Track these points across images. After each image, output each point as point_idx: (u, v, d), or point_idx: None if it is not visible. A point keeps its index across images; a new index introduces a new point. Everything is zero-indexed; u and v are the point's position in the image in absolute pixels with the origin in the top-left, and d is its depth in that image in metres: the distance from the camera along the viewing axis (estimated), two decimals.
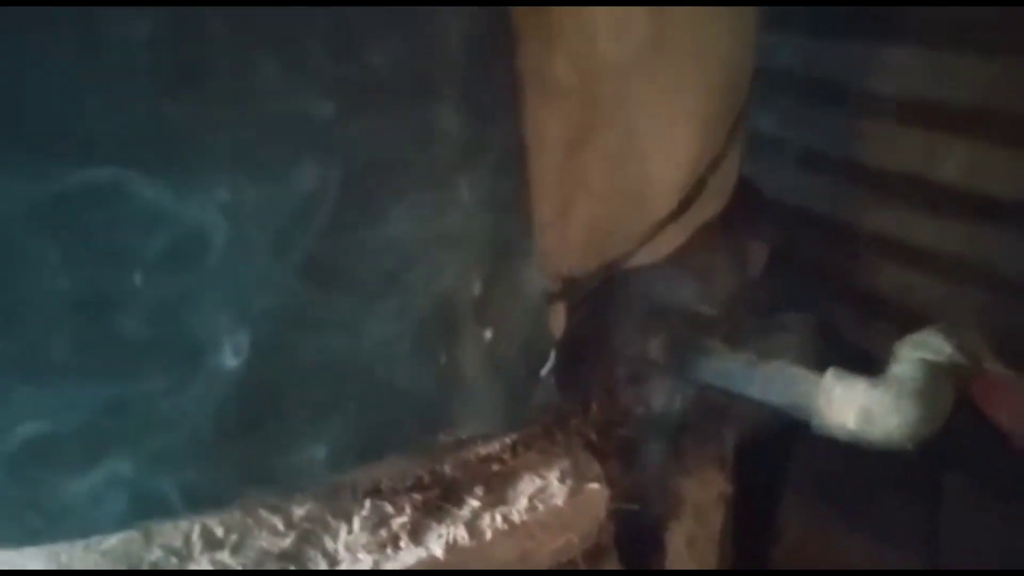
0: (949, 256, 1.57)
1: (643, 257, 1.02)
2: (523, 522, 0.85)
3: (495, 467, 0.91)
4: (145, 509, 0.72)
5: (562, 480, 0.89)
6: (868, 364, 0.94)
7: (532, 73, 0.72)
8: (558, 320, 0.90)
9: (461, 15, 0.65)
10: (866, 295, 1.71)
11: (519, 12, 0.68)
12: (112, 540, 0.77)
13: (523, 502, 0.86)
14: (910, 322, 1.00)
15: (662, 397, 1.08)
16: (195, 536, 0.78)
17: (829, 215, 1.67)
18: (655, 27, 0.80)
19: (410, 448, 0.83)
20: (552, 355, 0.87)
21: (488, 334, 0.83)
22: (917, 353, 0.86)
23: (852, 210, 1.66)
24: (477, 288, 0.80)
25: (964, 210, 1.52)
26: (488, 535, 0.83)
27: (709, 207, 1.14)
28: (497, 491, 0.88)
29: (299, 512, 0.83)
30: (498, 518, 0.84)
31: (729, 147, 1.12)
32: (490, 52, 0.68)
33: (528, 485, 0.89)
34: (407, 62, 0.66)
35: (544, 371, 0.87)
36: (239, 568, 0.77)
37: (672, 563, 1.11)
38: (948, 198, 1.52)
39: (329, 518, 0.82)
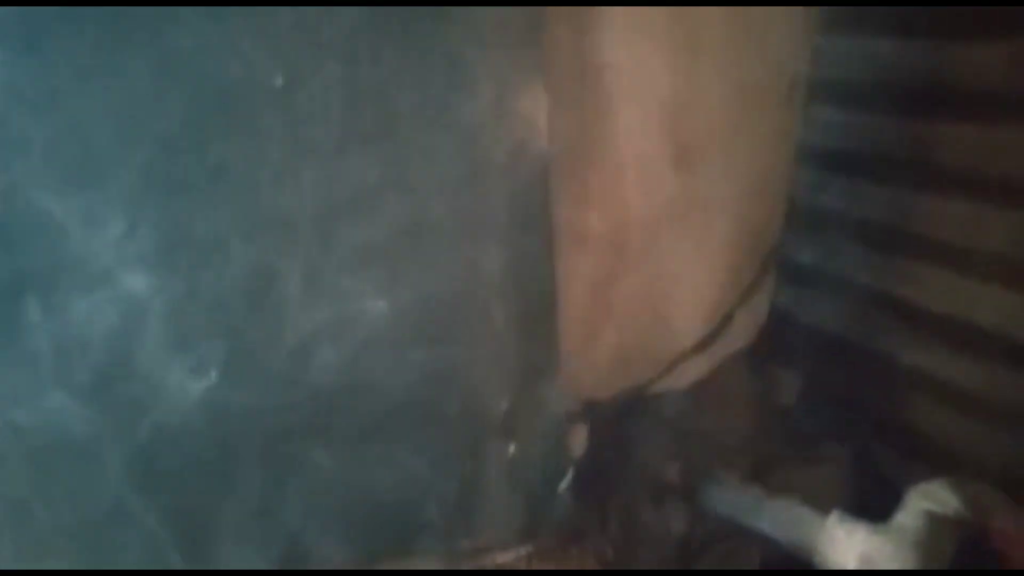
0: (987, 398, 1.57)
1: (669, 383, 1.08)
2: None
3: None
4: None
5: None
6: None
7: (567, 223, 0.82)
8: (580, 439, 0.97)
9: (509, 175, 0.76)
10: (903, 431, 1.71)
11: (557, 173, 0.78)
12: None
13: None
14: (945, 461, 1.02)
15: (681, 520, 1.12)
16: None
17: (867, 348, 1.70)
18: (683, 185, 0.89)
19: (432, 552, 0.90)
20: (571, 472, 0.93)
21: (511, 448, 0.90)
22: (923, 503, 0.89)
23: (890, 345, 1.69)
24: (504, 405, 0.88)
25: (1001, 354, 1.53)
26: None
27: (738, 338, 1.20)
28: None
29: None
30: None
31: (759, 282, 1.19)
32: (530, 206, 0.78)
33: None
34: (461, 210, 0.77)
35: (562, 487, 0.93)
36: None
37: None
38: (985, 341, 1.54)
39: None
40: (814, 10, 0.99)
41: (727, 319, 1.15)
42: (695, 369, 1.12)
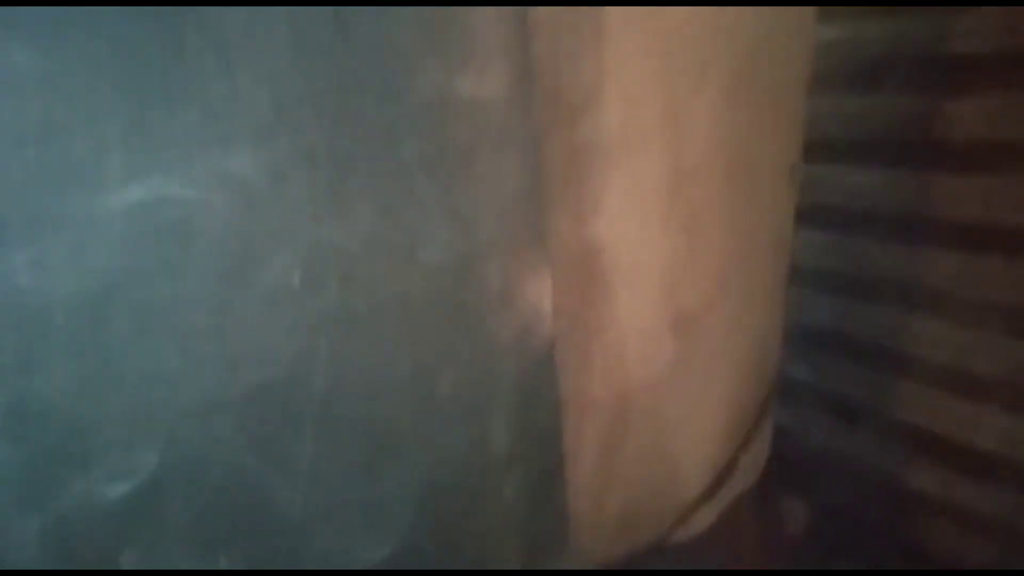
0: (996, 521, 1.56)
1: (677, 535, 1.08)
2: None
3: None
4: None
5: None
6: None
7: (571, 393, 0.83)
8: None
9: (516, 355, 0.78)
10: (914, 553, 1.68)
11: (561, 347, 0.80)
12: None
13: None
14: None
15: None
16: None
17: (872, 472, 1.70)
18: (682, 350, 0.91)
19: None
20: None
21: None
22: None
23: (896, 467, 1.68)
24: (515, 565, 0.87)
25: (1006, 477, 1.53)
26: None
27: (742, 481, 1.20)
28: None
29: None
30: None
31: (759, 427, 1.20)
32: (537, 383, 0.80)
33: None
34: (469, 389, 0.78)
35: None
36: None
37: None
38: (989, 465, 1.54)
39: None
40: (798, 171, 1.04)
41: (731, 466, 1.15)
42: (704, 517, 1.12)
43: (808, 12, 1.08)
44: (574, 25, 0.77)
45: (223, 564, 0.79)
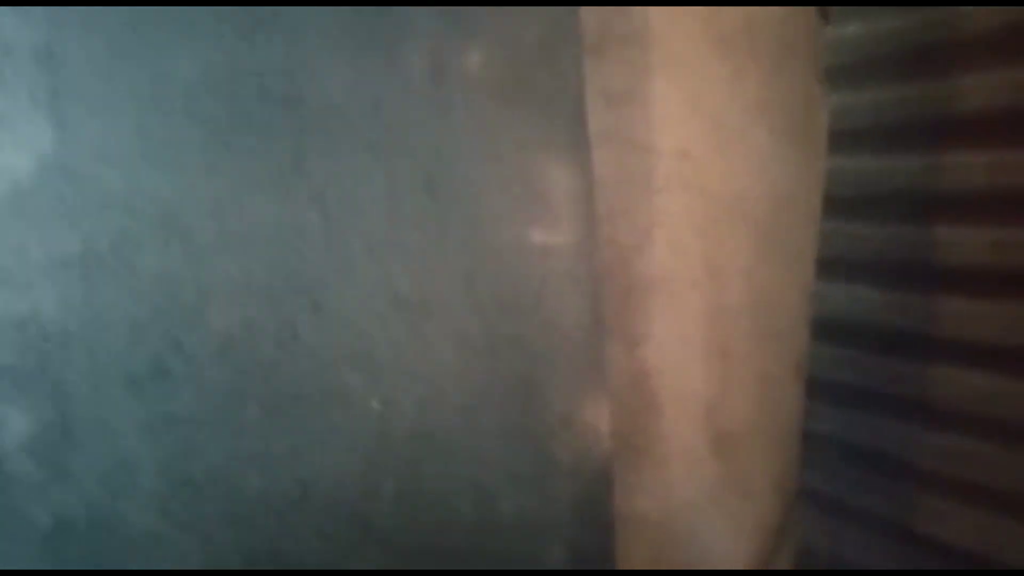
0: None
1: None
2: None
3: None
4: None
5: None
6: None
7: (622, 510, 0.89)
8: None
9: (574, 476, 0.84)
10: None
11: (615, 464, 0.86)
12: None
13: None
14: None
15: None
16: None
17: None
18: (722, 468, 0.98)
19: None
20: None
21: None
22: None
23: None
24: None
25: None
26: None
27: None
28: None
29: None
30: None
31: (789, 532, 1.25)
32: (593, 503, 0.85)
33: None
34: (529, 508, 0.84)
35: None
36: None
37: None
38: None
39: None
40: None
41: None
42: None
43: (819, 170, 1.20)
44: (629, 182, 0.87)
45: None
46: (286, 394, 0.78)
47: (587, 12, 0.84)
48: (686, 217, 0.90)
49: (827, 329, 1.64)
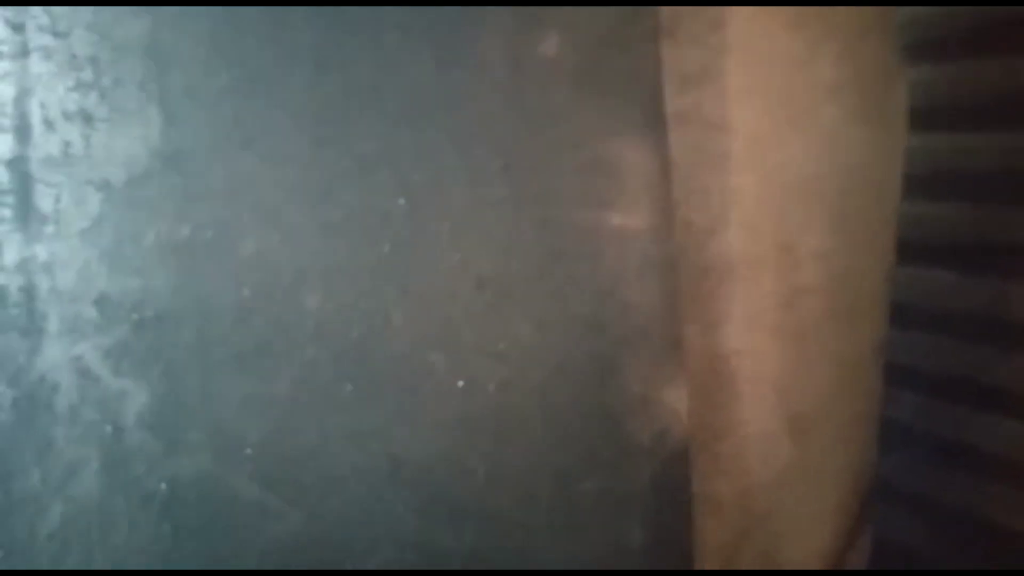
0: None
1: None
2: None
3: None
4: None
5: None
6: None
7: (699, 492, 0.90)
8: None
9: (653, 457, 0.86)
10: None
11: (692, 448, 0.88)
12: None
13: None
14: None
15: None
16: None
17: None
18: (797, 452, 0.98)
19: None
20: None
21: None
22: None
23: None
24: None
25: None
26: None
27: None
28: None
29: None
30: None
31: (863, 523, 1.23)
32: (671, 483, 0.87)
33: None
34: (607, 489, 0.86)
35: None
36: None
37: None
38: None
39: None
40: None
41: (839, 563, 1.18)
42: None
43: (897, 149, 1.17)
44: (703, 164, 0.88)
45: None
46: (377, 374, 0.83)
47: None
48: (760, 198, 0.91)
49: (906, 314, 1.61)
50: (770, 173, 0.92)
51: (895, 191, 1.18)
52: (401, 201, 0.81)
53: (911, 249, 1.65)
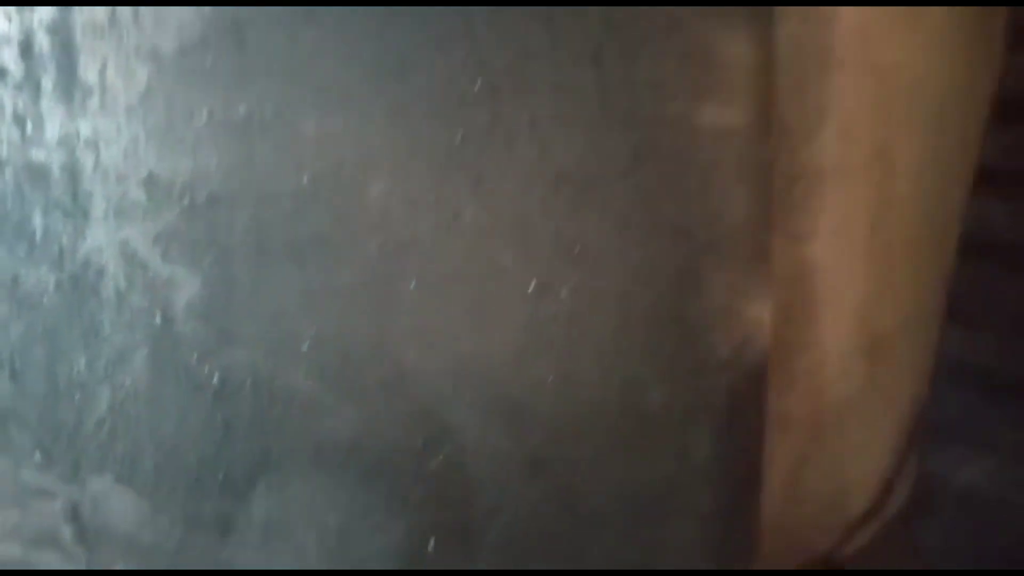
0: None
1: (839, 552, 1.09)
2: None
3: None
4: None
5: None
6: None
7: (773, 409, 0.86)
8: None
9: (731, 370, 0.81)
10: None
11: (771, 364, 0.84)
12: None
13: None
14: None
15: None
16: None
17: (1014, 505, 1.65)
18: (871, 372, 0.94)
19: None
20: None
21: None
22: None
23: None
24: None
25: None
26: None
27: (893, 506, 1.21)
28: None
29: None
30: None
31: (912, 453, 1.21)
32: (748, 398, 0.83)
33: None
34: (680, 401, 0.82)
35: None
36: None
37: None
38: None
39: None
40: None
41: (889, 488, 1.16)
42: (861, 537, 1.13)
43: (996, 47, 1.08)
44: (802, 60, 0.80)
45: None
46: (443, 271, 0.77)
47: None
48: (859, 102, 0.83)
49: (975, 246, 1.54)
50: (874, 72, 0.83)
51: (985, 111, 1.10)
52: (478, 84, 0.74)
53: (990, 176, 1.57)
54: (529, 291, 0.78)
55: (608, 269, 0.78)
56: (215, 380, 0.81)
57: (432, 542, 0.85)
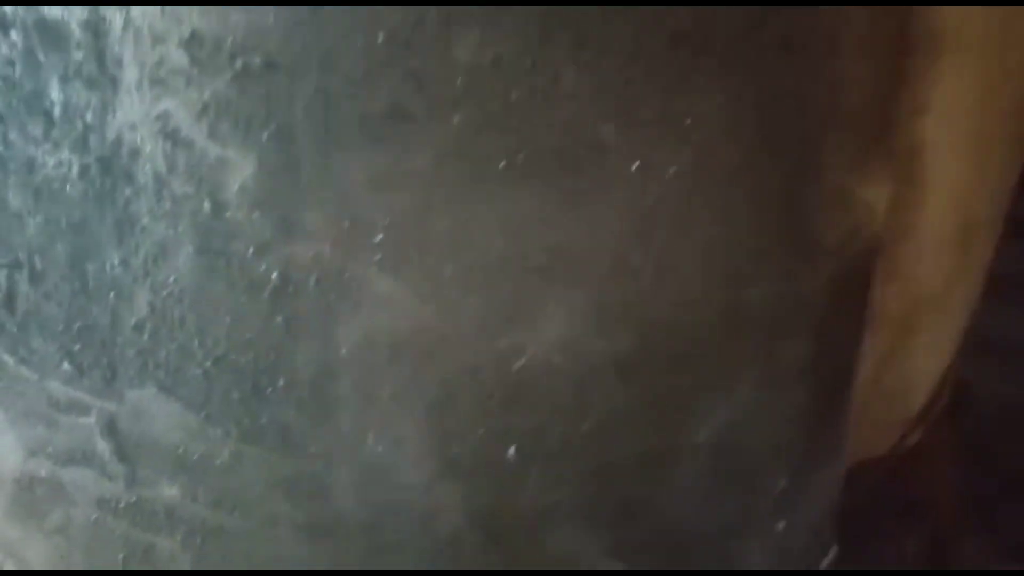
0: None
1: (896, 449, 1.08)
2: None
3: None
4: None
5: None
6: None
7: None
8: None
9: (837, 259, 0.75)
10: None
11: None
12: None
13: None
14: None
15: None
16: None
17: None
18: (961, 262, 0.89)
19: None
20: (834, 549, 0.92)
21: (780, 525, 0.89)
22: None
23: None
24: (783, 484, 0.87)
25: None
26: None
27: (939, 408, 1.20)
28: None
29: None
30: None
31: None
32: (853, 290, 0.78)
33: None
34: (780, 291, 0.76)
35: (825, 563, 0.92)
36: None
37: None
38: None
39: None
40: None
41: (942, 387, 1.14)
42: (913, 435, 1.11)
43: None
44: None
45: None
46: (537, 147, 0.68)
47: None
48: None
49: None
50: None
51: None
52: None
53: None
54: (632, 170, 0.69)
55: (719, 145, 0.70)
56: (274, 277, 0.72)
57: (512, 448, 0.79)
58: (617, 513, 0.83)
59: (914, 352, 0.93)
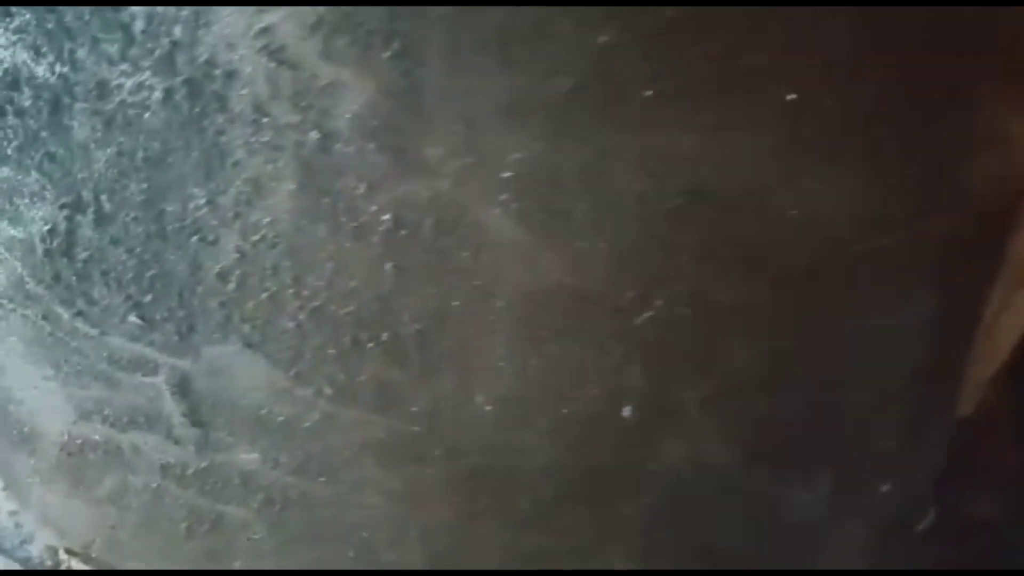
0: None
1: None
2: None
3: None
4: None
5: None
6: None
7: None
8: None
9: (979, 203, 0.71)
10: None
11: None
12: None
13: None
14: None
15: None
16: None
17: None
18: None
19: None
20: (932, 512, 0.89)
21: (885, 487, 0.86)
22: None
23: None
24: (892, 445, 0.83)
25: None
26: None
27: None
28: None
29: None
30: None
31: None
32: (990, 237, 0.73)
33: None
34: (914, 237, 0.72)
35: (922, 525, 0.90)
36: None
37: None
38: None
39: None
40: None
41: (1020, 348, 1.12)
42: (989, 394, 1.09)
43: None
44: None
45: None
46: (687, 74, 0.62)
47: None
48: None
49: None
50: None
51: None
52: None
53: None
54: (786, 100, 0.64)
55: (865, 82, 0.64)
56: (385, 219, 0.65)
57: (629, 408, 0.73)
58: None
59: (1014, 308, 0.90)
